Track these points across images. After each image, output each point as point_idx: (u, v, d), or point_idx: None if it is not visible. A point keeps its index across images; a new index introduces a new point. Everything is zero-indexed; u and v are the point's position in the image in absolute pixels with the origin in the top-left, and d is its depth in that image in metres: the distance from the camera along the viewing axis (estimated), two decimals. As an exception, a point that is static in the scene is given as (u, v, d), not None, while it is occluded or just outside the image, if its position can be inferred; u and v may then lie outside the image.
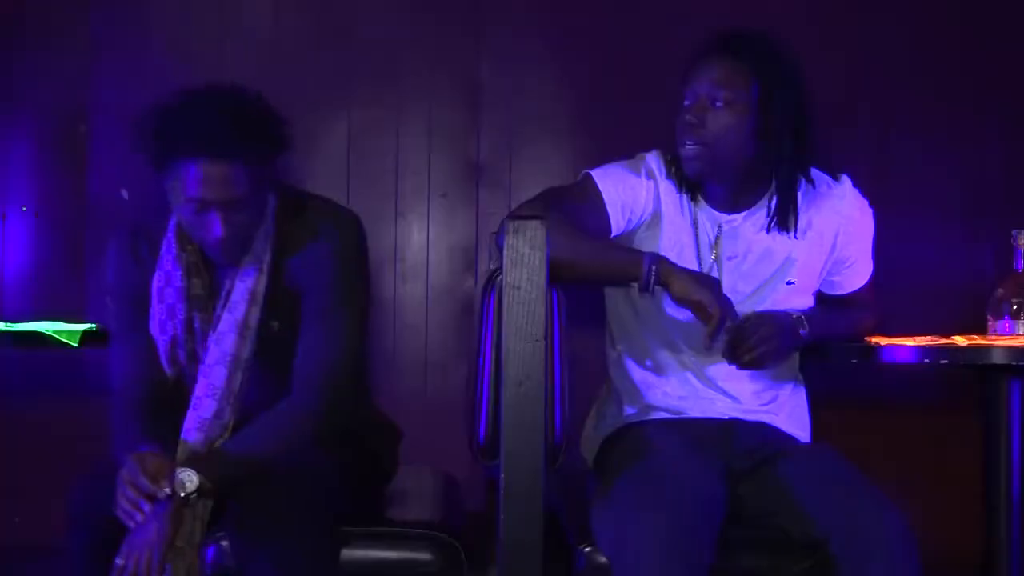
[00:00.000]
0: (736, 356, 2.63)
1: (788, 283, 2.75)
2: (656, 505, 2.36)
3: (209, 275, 2.59)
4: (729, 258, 2.72)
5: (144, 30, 3.70)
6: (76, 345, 3.01)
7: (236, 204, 2.46)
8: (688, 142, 2.65)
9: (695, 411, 2.73)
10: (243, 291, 2.55)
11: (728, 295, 2.67)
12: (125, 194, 3.60)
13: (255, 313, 2.55)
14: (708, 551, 2.38)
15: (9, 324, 3.16)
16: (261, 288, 2.56)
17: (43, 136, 3.70)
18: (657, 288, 2.57)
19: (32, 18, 3.68)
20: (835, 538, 2.43)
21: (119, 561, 2.37)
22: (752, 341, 2.61)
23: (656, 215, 2.72)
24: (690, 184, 2.71)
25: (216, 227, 2.48)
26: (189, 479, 2.41)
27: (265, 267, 2.56)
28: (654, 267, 2.54)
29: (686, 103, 2.66)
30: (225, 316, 2.55)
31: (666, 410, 2.74)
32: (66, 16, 3.68)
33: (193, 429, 2.52)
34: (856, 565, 2.40)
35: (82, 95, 3.68)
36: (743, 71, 2.64)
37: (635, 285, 2.62)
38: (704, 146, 2.65)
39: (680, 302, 2.55)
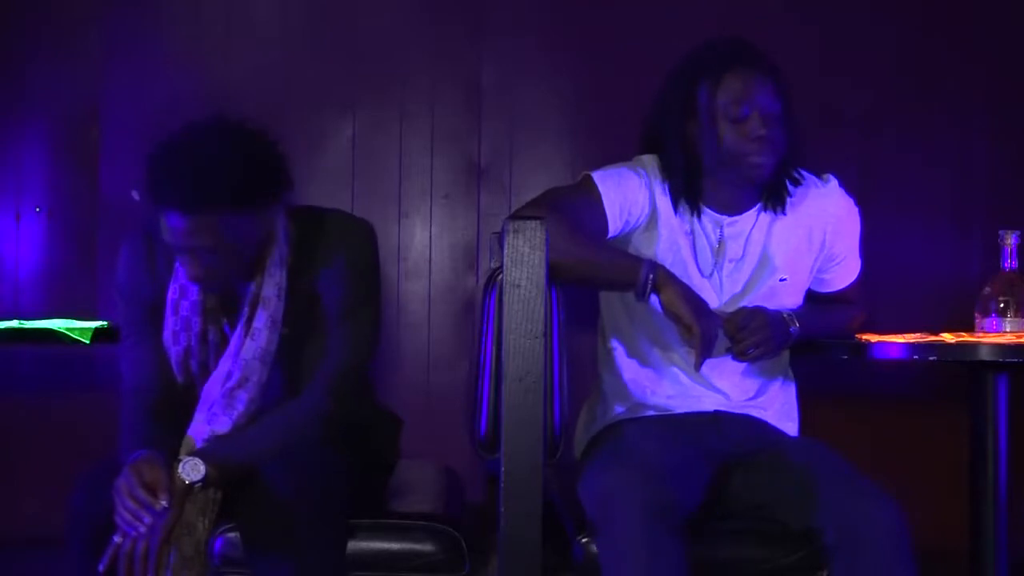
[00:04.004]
0: (733, 345, 2.69)
1: (781, 280, 2.78)
2: (635, 466, 2.46)
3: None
4: (731, 260, 2.76)
5: (155, 35, 3.72)
6: (88, 342, 3.02)
7: (209, 250, 2.44)
8: (762, 153, 2.68)
9: (683, 407, 2.76)
10: (265, 319, 2.55)
11: (722, 294, 2.74)
12: (136, 195, 3.63)
13: (275, 338, 2.56)
14: (686, 505, 2.46)
15: (23, 321, 3.17)
16: (280, 313, 2.56)
17: (56, 138, 3.72)
18: (652, 295, 2.61)
19: (45, 23, 3.69)
20: (829, 529, 2.47)
21: (116, 539, 2.36)
22: (745, 332, 2.66)
23: (653, 218, 2.74)
24: (688, 188, 2.74)
25: (189, 269, 2.49)
26: (195, 468, 2.42)
27: (283, 291, 2.56)
28: (651, 276, 2.57)
29: (742, 113, 2.67)
30: (248, 344, 2.54)
31: (655, 408, 2.77)
32: (78, 21, 3.70)
33: (201, 440, 2.52)
34: (849, 555, 2.43)
35: (94, 98, 3.70)
36: (779, 89, 2.69)
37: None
38: (773, 157, 2.69)
39: (666, 313, 2.59)
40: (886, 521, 2.43)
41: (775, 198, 2.77)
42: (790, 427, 2.85)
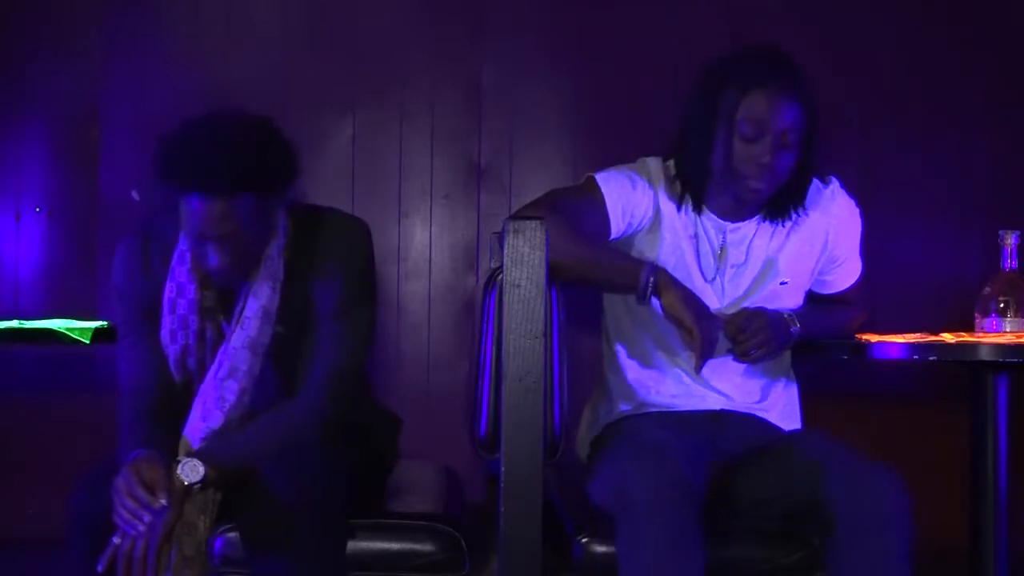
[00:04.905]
0: (735, 346, 2.71)
1: (782, 283, 2.78)
2: (650, 453, 2.46)
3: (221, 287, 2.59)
4: (733, 265, 2.76)
5: (155, 35, 3.73)
6: (88, 342, 3.02)
7: (234, 236, 2.46)
8: (761, 179, 2.66)
9: (687, 407, 2.77)
10: (256, 309, 2.55)
11: (723, 298, 2.75)
12: (136, 195, 3.64)
13: (267, 331, 2.56)
14: (700, 493, 2.47)
15: (23, 321, 3.17)
16: (274, 306, 2.56)
17: (56, 138, 3.73)
18: (653, 299, 2.61)
19: (45, 23, 3.70)
20: (840, 499, 2.47)
21: (116, 539, 2.36)
22: (746, 334, 2.67)
23: (656, 221, 2.74)
24: (693, 192, 2.74)
25: (212, 258, 2.48)
26: (194, 469, 2.42)
27: (279, 285, 2.56)
28: (652, 278, 2.57)
29: (756, 135, 2.64)
30: (238, 332, 2.55)
31: (659, 407, 2.77)
32: (78, 21, 3.71)
33: (197, 439, 2.52)
34: (852, 525, 2.45)
35: (94, 98, 3.71)
36: (804, 113, 2.66)
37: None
38: (772, 184, 2.69)
39: (667, 316, 2.59)
40: (894, 495, 2.46)
41: (775, 213, 2.77)
42: (794, 428, 2.86)
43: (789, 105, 2.65)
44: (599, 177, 2.75)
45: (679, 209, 2.76)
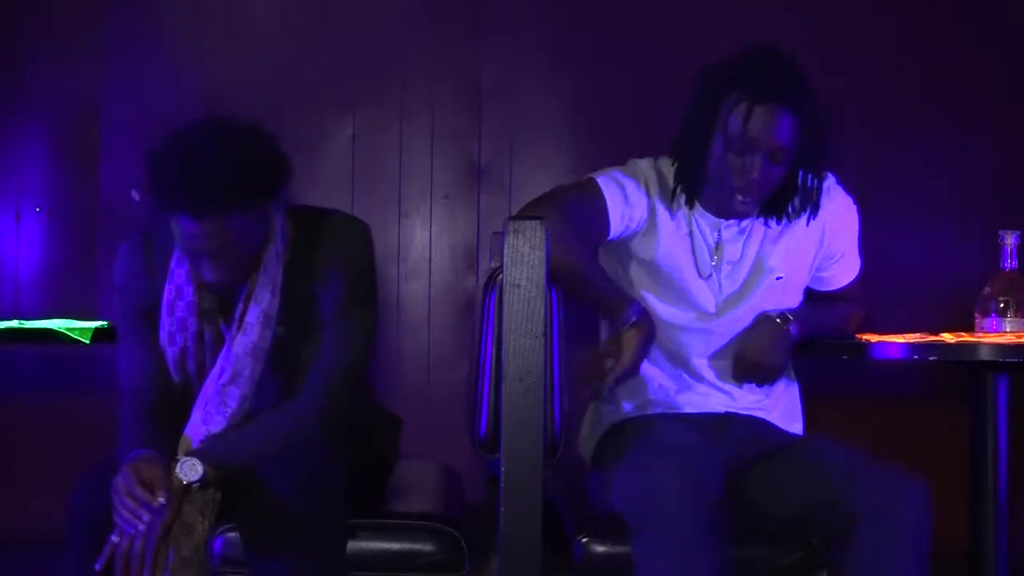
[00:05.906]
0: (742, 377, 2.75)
1: (777, 278, 2.79)
2: (676, 461, 2.46)
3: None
4: (729, 262, 2.76)
5: (155, 35, 3.73)
6: (88, 342, 3.02)
7: (227, 248, 2.45)
8: (748, 193, 2.67)
9: (691, 406, 2.77)
10: (257, 314, 2.55)
11: (720, 295, 2.76)
12: (136, 195, 3.64)
13: (268, 335, 2.56)
14: (723, 497, 2.48)
15: (23, 321, 3.18)
16: (274, 310, 2.56)
17: (56, 138, 3.73)
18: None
19: (45, 23, 3.70)
20: (861, 497, 2.48)
21: (114, 538, 2.37)
22: (750, 376, 2.73)
23: (652, 222, 2.74)
24: (688, 191, 2.74)
25: (206, 272, 2.49)
26: (193, 468, 2.42)
27: (278, 289, 2.56)
28: (635, 318, 2.59)
29: (748, 149, 2.64)
30: (240, 338, 2.55)
31: (664, 405, 2.78)
32: (78, 21, 3.71)
33: (198, 440, 2.52)
34: (876, 525, 2.47)
35: (94, 98, 3.71)
36: (802, 127, 2.65)
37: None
38: (758, 198, 2.69)
39: (619, 335, 2.61)
40: (916, 495, 2.50)
41: (770, 212, 2.77)
42: (796, 428, 2.87)
43: (786, 123, 2.64)
44: (600, 181, 2.74)
45: (673, 208, 2.76)
